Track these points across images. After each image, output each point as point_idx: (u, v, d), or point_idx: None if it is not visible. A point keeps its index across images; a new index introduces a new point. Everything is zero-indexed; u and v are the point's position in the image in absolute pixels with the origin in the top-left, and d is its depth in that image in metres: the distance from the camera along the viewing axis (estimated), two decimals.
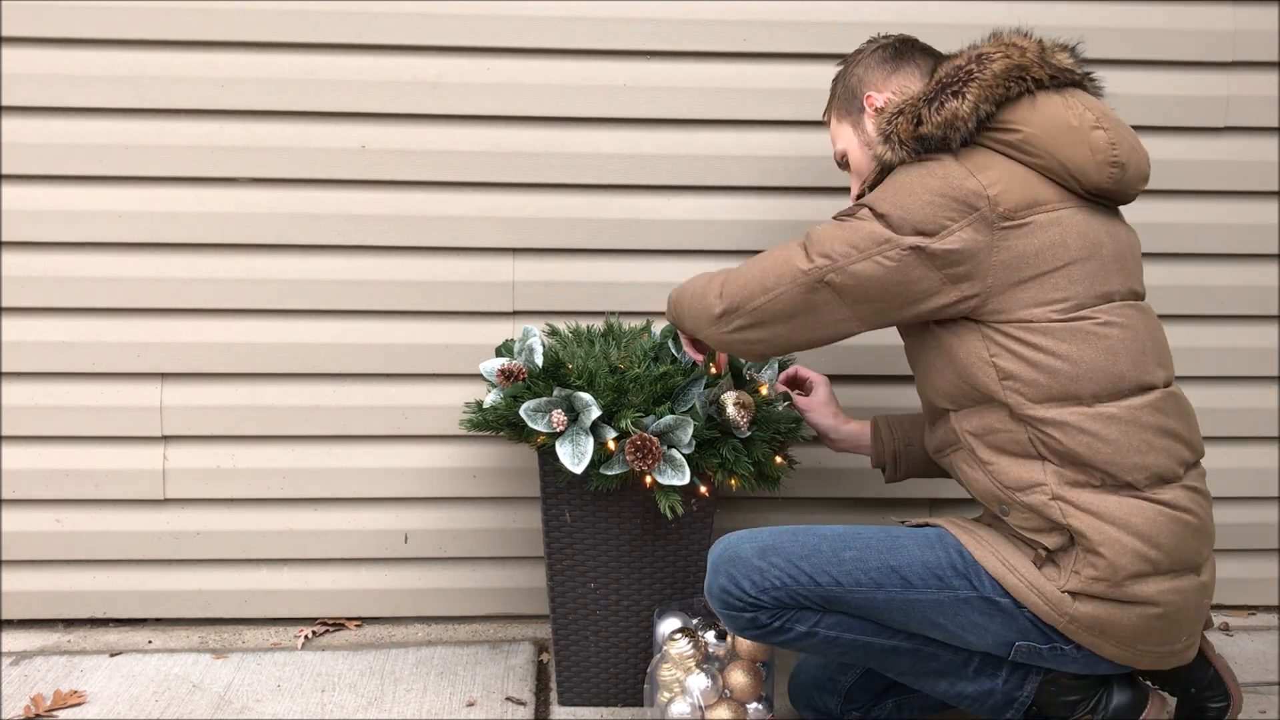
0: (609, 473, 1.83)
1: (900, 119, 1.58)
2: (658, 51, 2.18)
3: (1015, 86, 1.55)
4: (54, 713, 1.96)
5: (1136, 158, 1.59)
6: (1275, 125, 2.27)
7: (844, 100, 1.79)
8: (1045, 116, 1.54)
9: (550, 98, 2.18)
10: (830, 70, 2.19)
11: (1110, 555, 1.50)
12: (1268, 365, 2.35)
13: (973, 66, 1.56)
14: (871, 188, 1.65)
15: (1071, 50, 1.63)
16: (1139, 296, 1.61)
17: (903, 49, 1.76)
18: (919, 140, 1.56)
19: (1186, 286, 2.31)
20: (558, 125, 2.20)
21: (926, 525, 1.69)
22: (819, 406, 1.99)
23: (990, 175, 1.53)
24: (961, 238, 1.51)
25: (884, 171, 1.63)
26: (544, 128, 2.20)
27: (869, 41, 1.81)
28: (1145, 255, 2.28)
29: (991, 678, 1.64)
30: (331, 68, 2.15)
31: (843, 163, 1.83)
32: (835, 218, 1.62)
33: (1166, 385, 1.59)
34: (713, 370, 1.96)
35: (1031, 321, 1.53)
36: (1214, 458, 2.35)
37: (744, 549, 1.64)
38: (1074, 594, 1.53)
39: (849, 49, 2.17)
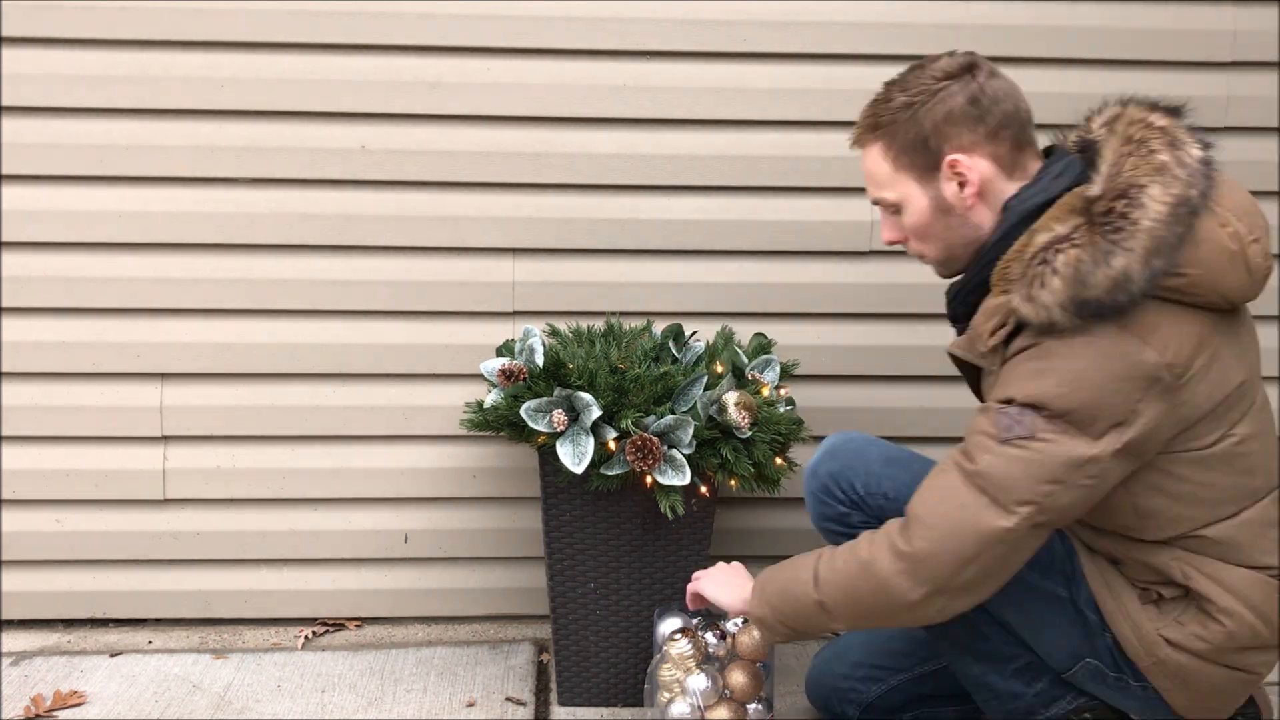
0: (610, 473, 1.83)
1: (1056, 280, 1.33)
2: (658, 51, 2.18)
3: (1181, 226, 1.33)
4: (54, 713, 1.96)
5: (1273, 247, 1.45)
6: (1275, 125, 2.27)
7: (910, 146, 1.47)
8: (1208, 250, 1.36)
9: (550, 98, 2.18)
10: (829, 70, 2.20)
11: (1230, 627, 1.44)
12: (1268, 365, 2.34)
13: (1136, 212, 1.32)
14: (1002, 343, 1.42)
15: (1183, 119, 1.42)
16: (1260, 382, 1.51)
17: (983, 99, 1.45)
18: (1082, 306, 1.32)
19: None
20: (558, 125, 2.20)
21: None
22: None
23: (1162, 336, 1.34)
24: (1150, 416, 1.35)
25: (1017, 328, 1.40)
26: (544, 128, 2.20)
27: (938, 73, 1.46)
28: None
29: (1026, 684, 1.58)
30: (331, 68, 2.15)
31: (888, 209, 1.55)
32: (1003, 442, 1.36)
33: None
34: (717, 369, 1.96)
35: (1180, 453, 1.41)
36: None
37: (869, 450, 1.59)
38: (1170, 642, 1.47)
39: (849, 49, 2.19)
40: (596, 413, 1.81)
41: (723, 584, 1.70)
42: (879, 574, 1.41)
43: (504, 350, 2.05)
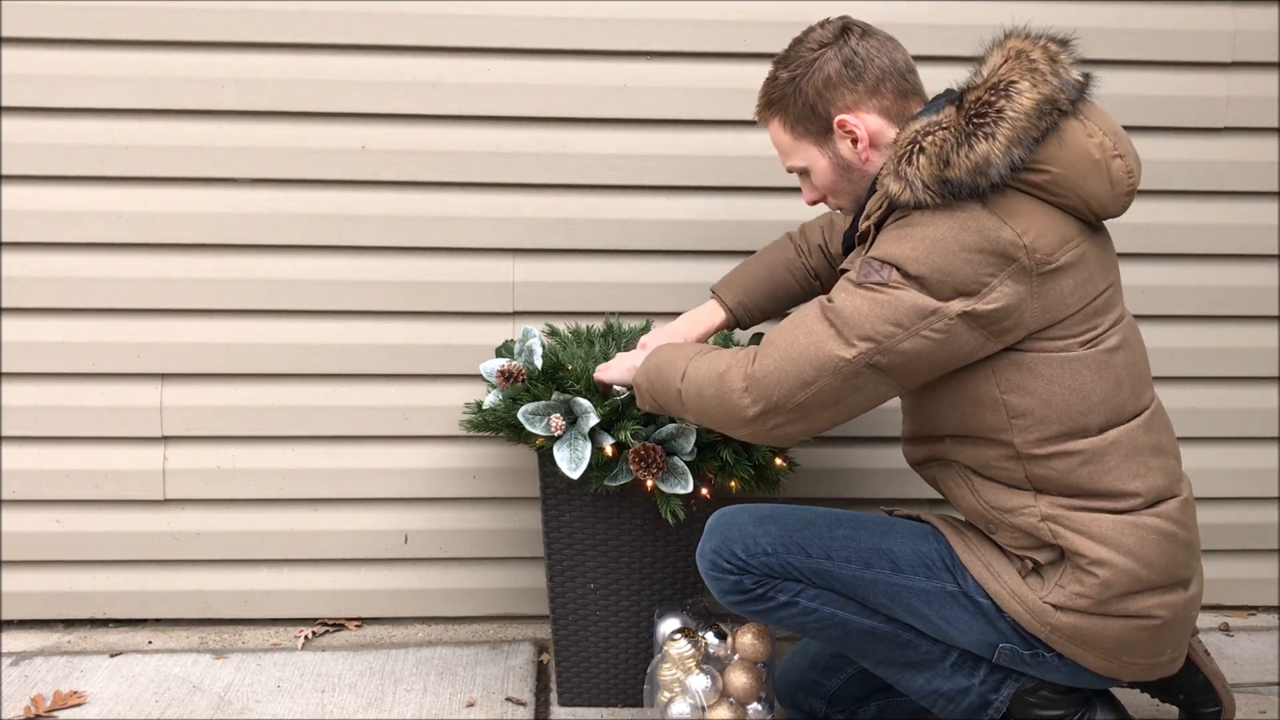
0: (613, 484, 1.83)
1: (921, 158, 1.44)
2: (658, 51, 2.18)
3: (1045, 122, 1.44)
4: (54, 713, 1.96)
5: (1138, 174, 1.54)
6: (1275, 125, 2.27)
7: (802, 115, 1.60)
8: (1072, 153, 1.46)
9: (550, 98, 2.18)
10: None
11: (1103, 576, 1.49)
12: (1268, 365, 2.35)
13: (1002, 101, 1.43)
14: (875, 225, 1.54)
15: (1070, 50, 1.53)
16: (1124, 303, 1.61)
17: (856, 60, 1.57)
18: (944, 184, 1.43)
19: (1186, 286, 2.31)
20: (558, 125, 2.20)
21: (919, 519, 1.69)
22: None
23: (1022, 222, 1.44)
24: (1004, 293, 1.44)
25: (890, 209, 1.51)
26: (544, 128, 2.19)
27: (813, 44, 1.60)
28: (1146, 255, 2.31)
29: (969, 676, 1.63)
30: (331, 68, 2.15)
31: (800, 174, 1.68)
32: (859, 285, 1.48)
33: (1154, 400, 1.60)
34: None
35: (1050, 353, 1.48)
36: (1214, 458, 2.36)
37: (741, 516, 1.66)
38: (1057, 606, 1.52)
39: None
40: (595, 419, 1.81)
41: (616, 364, 1.80)
42: (726, 385, 1.53)
43: (503, 351, 2.05)
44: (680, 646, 1.81)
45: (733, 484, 1.87)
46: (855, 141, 1.57)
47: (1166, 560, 1.52)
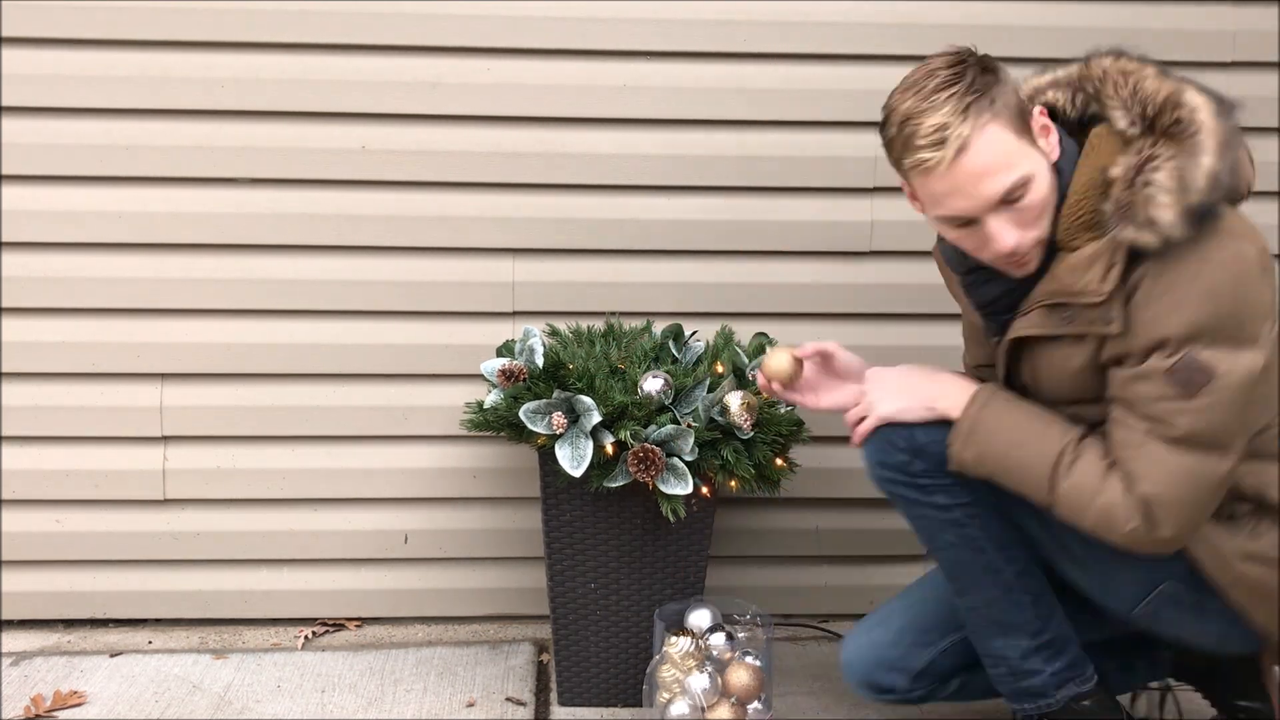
0: (613, 485, 1.83)
1: (1163, 195, 1.33)
2: (658, 52, 2.18)
3: (1228, 122, 1.40)
4: (54, 713, 1.96)
5: None
6: (1275, 125, 2.27)
7: (1017, 109, 1.39)
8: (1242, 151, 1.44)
9: (550, 98, 2.18)
10: (830, 70, 2.20)
11: None
12: None
13: (1184, 114, 1.37)
14: (1116, 276, 1.38)
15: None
16: None
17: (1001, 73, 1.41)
18: (1190, 213, 1.34)
19: None
20: (558, 125, 2.20)
21: None
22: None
23: (1245, 228, 1.41)
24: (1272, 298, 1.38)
25: (1130, 257, 1.37)
26: (544, 128, 2.19)
27: (957, 59, 1.41)
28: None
29: (1045, 662, 1.58)
30: (331, 68, 2.15)
31: (1016, 196, 1.39)
32: (1191, 394, 1.36)
33: None
34: (717, 369, 1.96)
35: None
36: None
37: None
38: (1249, 555, 1.46)
39: (849, 49, 2.19)
40: (597, 417, 1.81)
41: (900, 394, 1.57)
42: (1118, 529, 1.42)
43: (504, 350, 2.05)
44: (680, 646, 1.81)
45: (733, 483, 1.87)
46: (1048, 134, 1.42)
47: None
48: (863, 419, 1.59)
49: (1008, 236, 1.40)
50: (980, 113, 1.36)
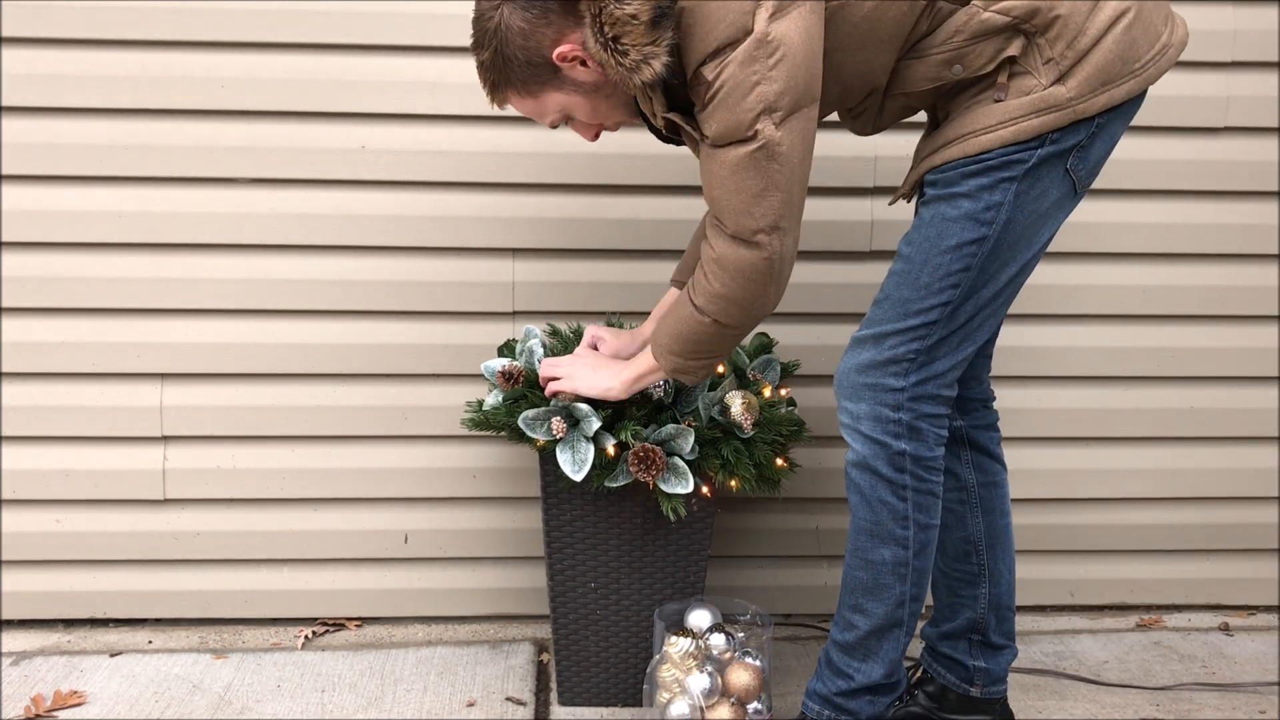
0: (614, 485, 1.83)
1: (630, 39, 1.43)
2: None
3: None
4: (54, 713, 1.96)
5: None
6: (1275, 125, 2.27)
7: (527, 75, 1.55)
8: None
9: None
10: None
11: (1063, 11, 1.48)
12: (1268, 365, 2.35)
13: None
14: (675, 114, 1.55)
15: None
16: None
17: (526, 3, 1.51)
18: (652, 26, 1.43)
19: (1186, 286, 2.31)
20: None
21: None
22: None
23: None
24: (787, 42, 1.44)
25: (670, 95, 1.52)
26: (544, 128, 2.19)
27: (486, 12, 1.53)
28: (1146, 255, 2.31)
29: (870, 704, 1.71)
30: (331, 68, 2.15)
31: (563, 123, 1.67)
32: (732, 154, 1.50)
33: None
34: (718, 369, 1.96)
35: None
36: (1214, 458, 2.36)
37: (856, 378, 1.64)
38: (1057, 80, 1.49)
39: None
40: (596, 423, 1.81)
41: (593, 373, 1.81)
42: (725, 262, 1.56)
43: (505, 350, 2.05)
44: (680, 646, 1.81)
45: (733, 483, 1.87)
46: (584, 63, 1.53)
47: None
48: (554, 379, 1.84)
49: (584, 134, 1.69)
50: (496, 89, 1.59)
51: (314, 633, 2.28)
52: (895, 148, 2.22)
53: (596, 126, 1.67)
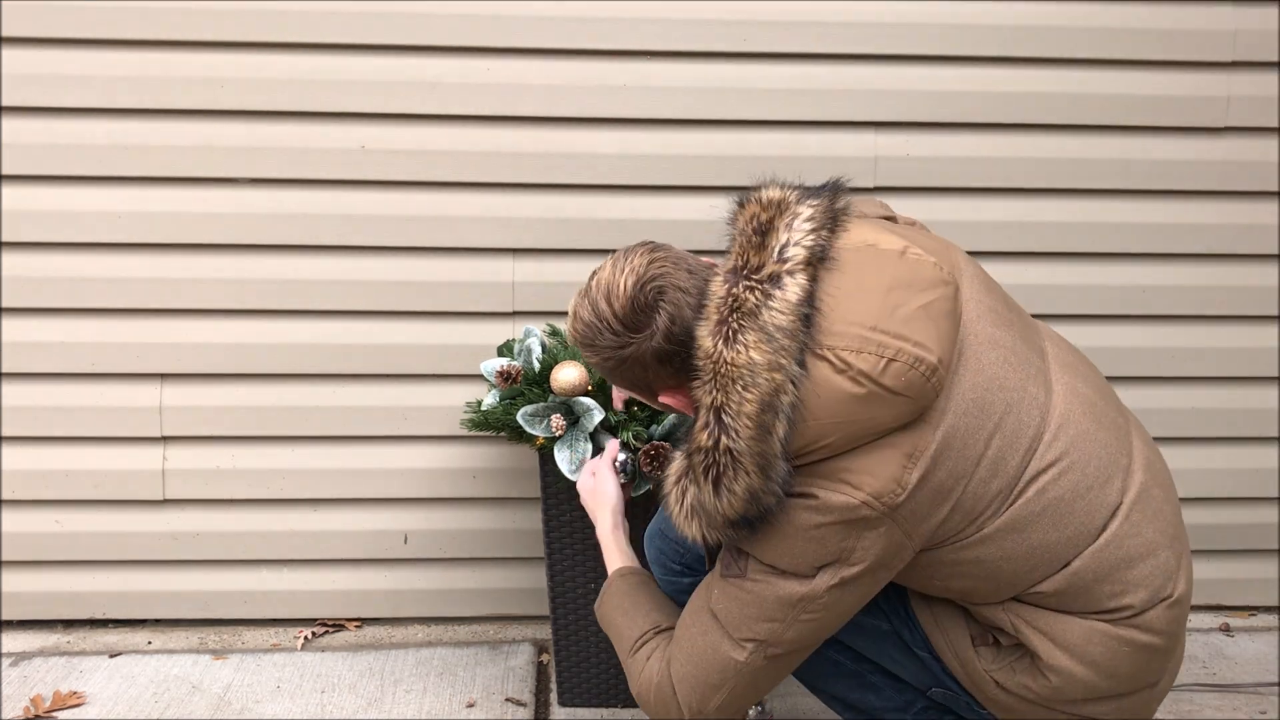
0: (637, 494, 1.82)
1: (695, 522, 1.33)
2: (658, 51, 2.18)
3: (781, 425, 1.26)
4: (53, 713, 1.96)
5: (944, 314, 1.32)
6: (1275, 125, 2.27)
7: (632, 387, 1.44)
8: (832, 414, 1.27)
9: (550, 98, 2.18)
10: (830, 70, 2.20)
11: (1057, 682, 1.40)
12: (1268, 365, 2.35)
13: (725, 440, 1.27)
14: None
15: (787, 215, 1.33)
16: (1039, 348, 1.44)
17: (667, 352, 1.35)
18: (735, 525, 1.31)
19: (1186, 286, 2.31)
20: (558, 125, 2.20)
21: None
22: None
23: (849, 476, 1.29)
24: (869, 547, 1.31)
25: None
26: (544, 128, 2.19)
27: (617, 331, 1.36)
28: (1146, 255, 2.30)
29: (898, 692, 1.58)
30: (331, 68, 2.15)
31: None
32: (723, 576, 1.39)
33: (1126, 490, 1.40)
34: None
35: (963, 540, 1.35)
36: (1214, 458, 2.36)
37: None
38: (1000, 684, 1.43)
39: (849, 49, 2.19)
40: (599, 416, 1.81)
41: (599, 513, 1.70)
42: (664, 694, 1.45)
43: (504, 350, 2.05)
44: None
45: None
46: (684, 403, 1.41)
47: (1136, 671, 1.41)
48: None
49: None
50: (610, 376, 1.44)
51: (314, 633, 2.28)
52: (894, 148, 2.22)
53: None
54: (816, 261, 1.30)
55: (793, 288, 1.27)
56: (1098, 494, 1.38)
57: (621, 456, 1.77)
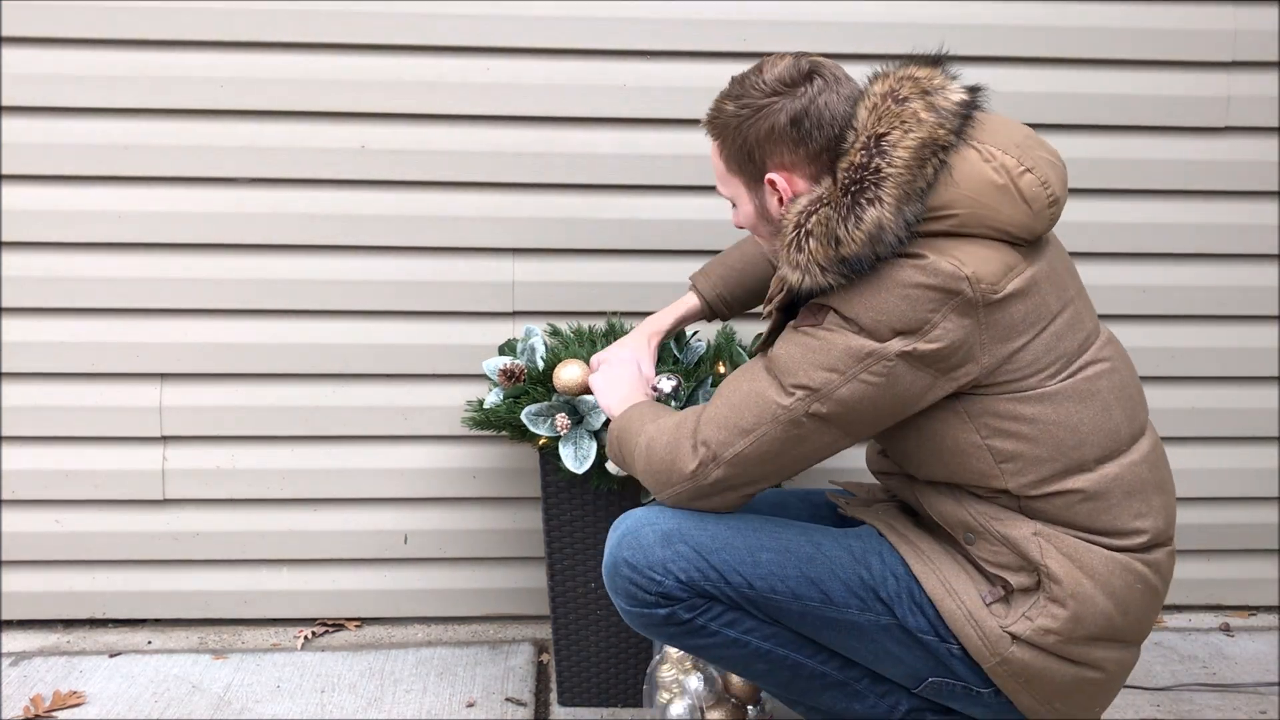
0: (615, 481, 1.83)
1: (811, 242, 1.36)
2: (658, 51, 2.18)
3: (930, 167, 1.34)
4: (53, 713, 1.96)
5: (1060, 179, 1.44)
6: (1275, 125, 2.27)
7: (737, 153, 1.48)
8: (973, 187, 1.36)
9: (550, 98, 2.18)
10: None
11: (1076, 610, 1.41)
12: (1268, 365, 2.35)
13: (877, 160, 1.34)
14: (780, 308, 1.52)
15: (944, 70, 1.42)
16: (1097, 318, 1.52)
17: (805, 121, 1.41)
18: (843, 263, 1.35)
19: (1187, 286, 2.31)
20: (558, 125, 2.20)
21: (860, 523, 1.59)
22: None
23: (959, 255, 1.35)
24: (948, 329, 1.35)
25: (797, 295, 1.43)
26: (544, 128, 2.19)
27: (768, 87, 1.43)
28: (1146, 255, 2.31)
29: (880, 697, 1.55)
30: (331, 68, 2.15)
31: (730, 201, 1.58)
32: (796, 328, 1.42)
33: (1149, 427, 1.51)
34: (719, 369, 1.96)
35: (1026, 391, 1.39)
36: (1214, 458, 2.36)
37: (645, 533, 1.47)
38: (1016, 637, 1.42)
39: (849, 49, 2.19)
40: (603, 417, 1.81)
41: (610, 388, 1.72)
42: (682, 432, 1.47)
43: (506, 349, 2.05)
44: None
45: None
46: (780, 201, 1.46)
47: (1141, 612, 1.45)
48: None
49: (733, 218, 1.59)
50: (711, 130, 1.52)
51: (314, 633, 2.28)
52: None
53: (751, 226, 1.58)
54: (969, 105, 1.41)
55: (955, 93, 1.39)
56: (1133, 409, 1.47)
57: (671, 382, 1.80)
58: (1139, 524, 1.44)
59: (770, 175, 1.45)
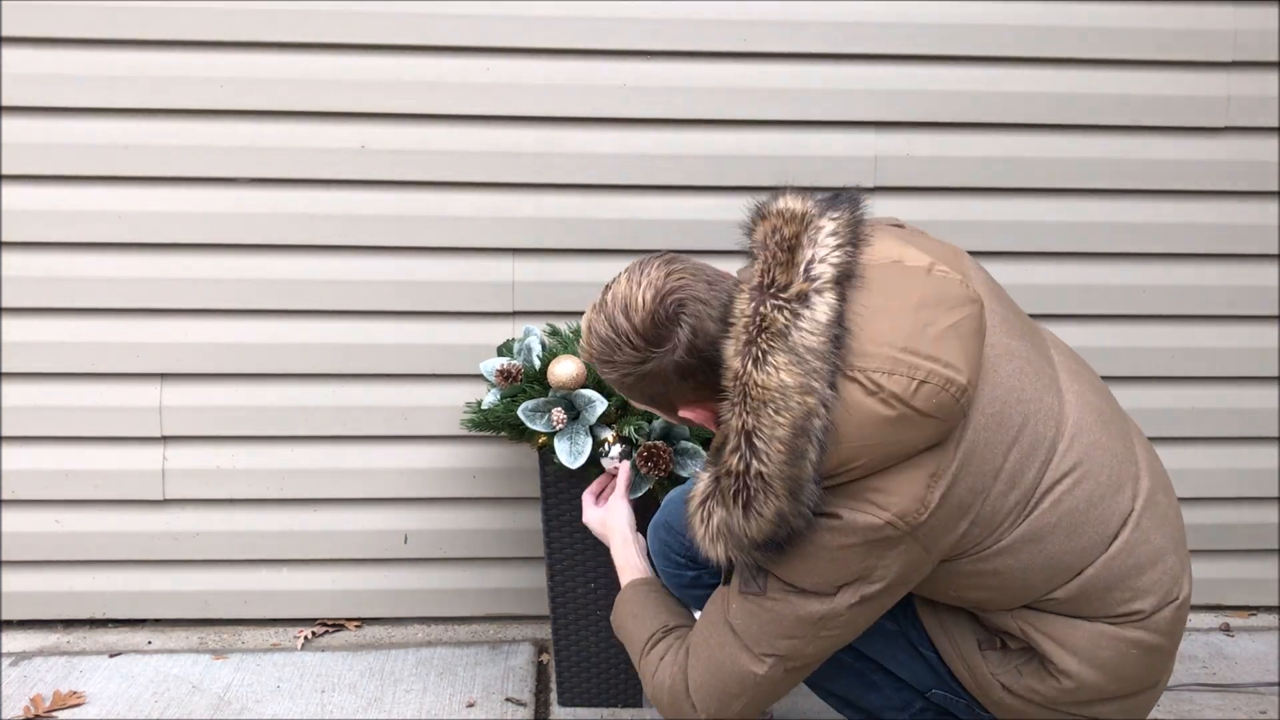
0: (634, 495, 1.82)
1: (720, 542, 1.30)
2: (658, 51, 2.18)
3: (812, 449, 1.23)
4: (53, 713, 1.96)
5: (962, 359, 1.28)
6: (1275, 125, 2.27)
7: (646, 401, 1.43)
8: (863, 437, 1.25)
9: (550, 98, 2.18)
10: (830, 70, 2.20)
11: (1067, 685, 1.40)
12: (1268, 365, 2.35)
13: (754, 465, 1.24)
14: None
15: (809, 222, 1.31)
16: (1048, 355, 1.43)
17: (693, 368, 1.33)
18: (760, 547, 1.29)
19: (1187, 286, 2.31)
20: (558, 125, 2.20)
21: None
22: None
23: (874, 495, 1.28)
24: (889, 566, 1.31)
25: None
26: (544, 128, 2.19)
27: (637, 344, 1.34)
28: (1146, 255, 2.30)
29: (895, 690, 1.57)
30: (331, 68, 2.15)
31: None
32: (740, 592, 1.37)
33: (1136, 497, 1.41)
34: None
35: (985, 550, 1.35)
36: (1214, 458, 2.36)
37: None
38: (1006, 687, 1.44)
39: (849, 49, 2.19)
40: (601, 408, 1.82)
41: (623, 547, 1.71)
42: (675, 690, 1.45)
43: (504, 350, 2.05)
44: None
45: None
46: (705, 419, 1.41)
47: (1142, 671, 1.43)
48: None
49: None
50: (612, 387, 1.43)
51: (314, 633, 2.28)
52: (894, 148, 2.22)
53: None
54: (844, 279, 1.27)
55: (822, 307, 1.25)
56: (1110, 503, 1.38)
57: (618, 448, 1.78)
58: (1129, 607, 1.39)
59: (682, 413, 1.42)
